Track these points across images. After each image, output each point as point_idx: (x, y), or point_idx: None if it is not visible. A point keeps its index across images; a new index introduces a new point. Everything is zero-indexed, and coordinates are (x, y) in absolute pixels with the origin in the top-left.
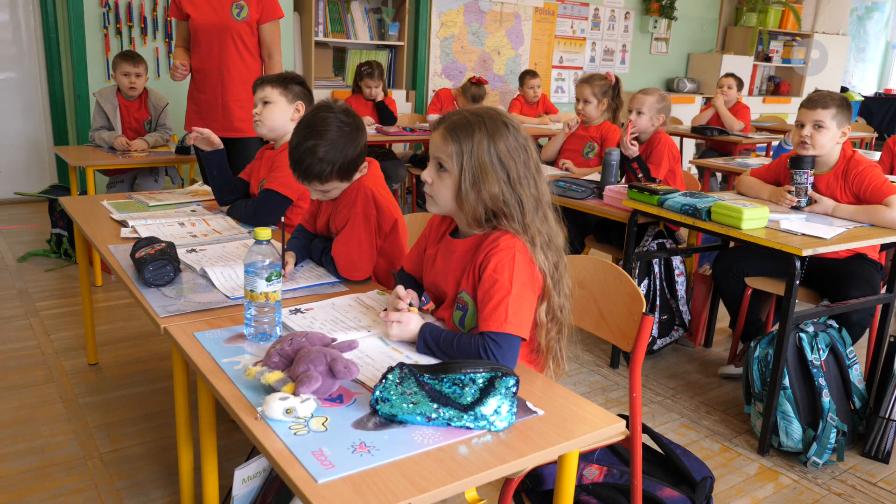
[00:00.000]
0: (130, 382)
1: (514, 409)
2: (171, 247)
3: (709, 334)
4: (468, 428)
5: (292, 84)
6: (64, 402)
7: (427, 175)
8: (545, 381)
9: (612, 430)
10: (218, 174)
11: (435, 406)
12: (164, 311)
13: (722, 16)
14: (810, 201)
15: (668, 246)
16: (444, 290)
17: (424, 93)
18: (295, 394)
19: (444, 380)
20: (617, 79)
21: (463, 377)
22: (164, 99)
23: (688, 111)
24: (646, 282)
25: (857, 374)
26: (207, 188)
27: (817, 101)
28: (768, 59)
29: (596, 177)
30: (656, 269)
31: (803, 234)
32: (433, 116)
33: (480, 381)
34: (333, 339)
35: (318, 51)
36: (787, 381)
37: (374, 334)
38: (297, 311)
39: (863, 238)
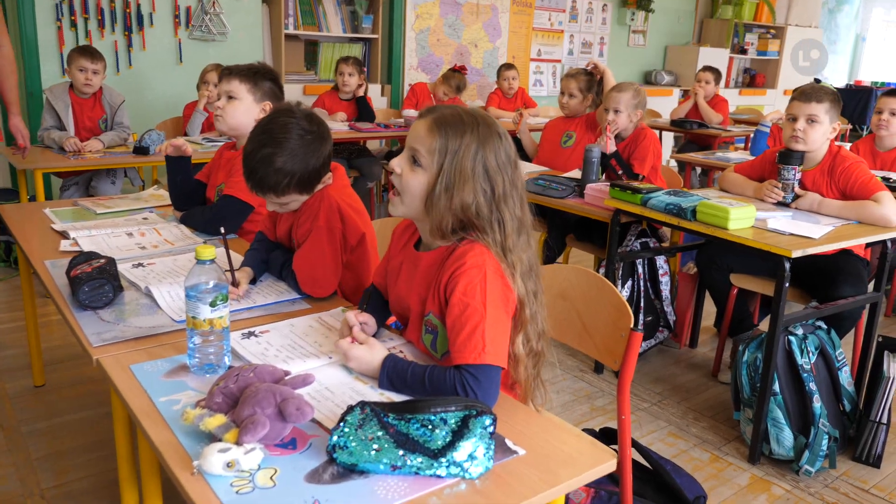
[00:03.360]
0: (80, 406)
1: (492, 452)
2: (110, 263)
3: (694, 334)
4: (439, 477)
5: (263, 80)
6: (4, 430)
7: (397, 164)
8: (526, 413)
9: (602, 470)
10: (182, 180)
11: (401, 453)
12: (98, 339)
13: (698, 8)
14: (795, 197)
15: (651, 245)
16: (408, 307)
17: (400, 87)
18: (238, 443)
19: (412, 421)
20: (602, 73)
21: (433, 417)
22: (121, 96)
23: (666, 104)
24: (629, 283)
25: (846, 377)
26: (163, 192)
27: (811, 94)
28: (744, 51)
29: (577, 174)
30: (640, 269)
31: (791, 234)
32: (409, 112)
33: (453, 421)
34: (286, 373)
35: (289, 44)
36: (776, 387)
37: (336, 361)
38: (250, 334)
39: (851, 236)
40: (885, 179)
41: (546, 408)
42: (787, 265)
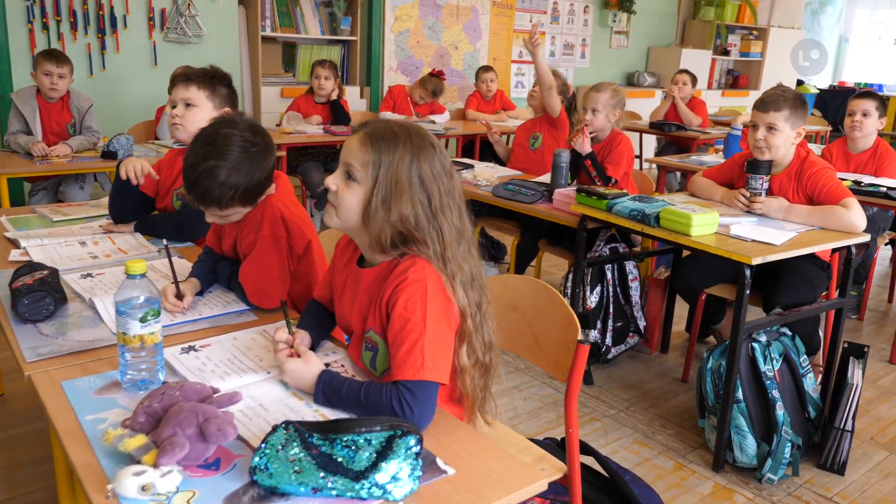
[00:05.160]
0: (38, 416)
1: (418, 472)
2: (53, 275)
3: (665, 339)
4: (361, 499)
5: (220, 86)
6: None
7: (332, 181)
8: (465, 432)
9: (532, 490)
10: (130, 197)
11: (322, 475)
12: (33, 354)
13: (680, 10)
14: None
15: (621, 251)
16: (350, 324)
17: (380, 89)
18: (155, 465)
19: (336, 441)
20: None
21: (357, 438)
22: (89, 100)
23: (648, 105)
24: (598, 288)
25: (811, 383)
26: None
27: (769, 102)
28: (726, 52)
29: (547, 178)
30: (609, 274)
31: (754, 241)
32: (386, 114)
33: (377, 441)
34: (215, 391)
35: (266, 46)
36: (739, 394)
37: (274, 377)
38: (189, 349)
39: (813, 243)
40: (856, 183)
41: (511, 415)
42: (748, 272)
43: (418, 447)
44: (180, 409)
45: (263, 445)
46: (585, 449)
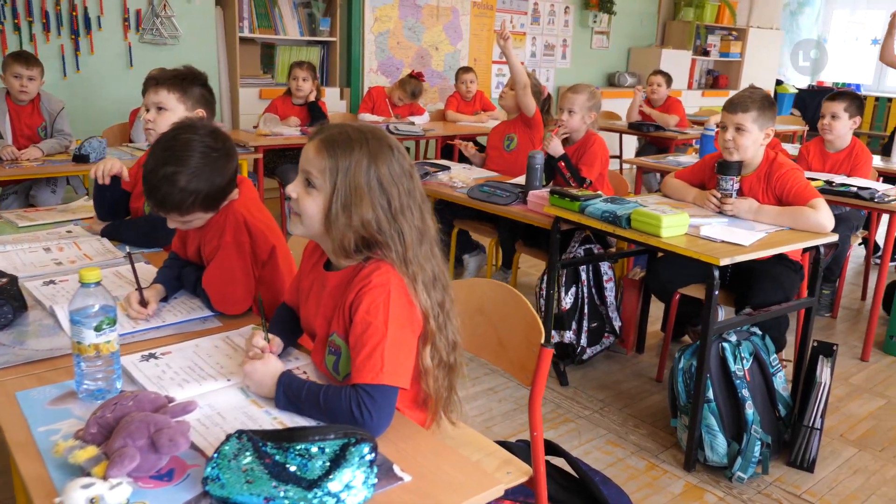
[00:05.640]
0: None
1: (373, 480)
2: (12, 283)
3: (640, 339)
4: None
5: (192, 87)
6: None
7: (292, 189)
8: (424, 438)
9: (487, 496)
10: (111, 196)
11: (274, 484)
12: None
13: (660, 10)
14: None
15: (595, 251)
16: (315, 328)
17: (360, 90)
18: (105, 477)
19: (290, 450)
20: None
21: (310, 446)
22: (60, 102)
23: (629, 105)
24: (573, 289)
25: (781, 382)
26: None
27: (737, 104)
28: (706, 53)
29: (523, 180)
30: (584, 276)
31: (723, 241)
32: (365, 116)
33: (330, 450)
34: (170, 400)
35: (244, 47)
36: (710, 394)
37: (236, 384)
38: (150, 356)
39: (782, 243)
40: (828, 183)
41: (485, 417)
42: (717, 272)
43: (373, 454)
44: (132, 419)
45: (216, 455)
46: (556, 450)
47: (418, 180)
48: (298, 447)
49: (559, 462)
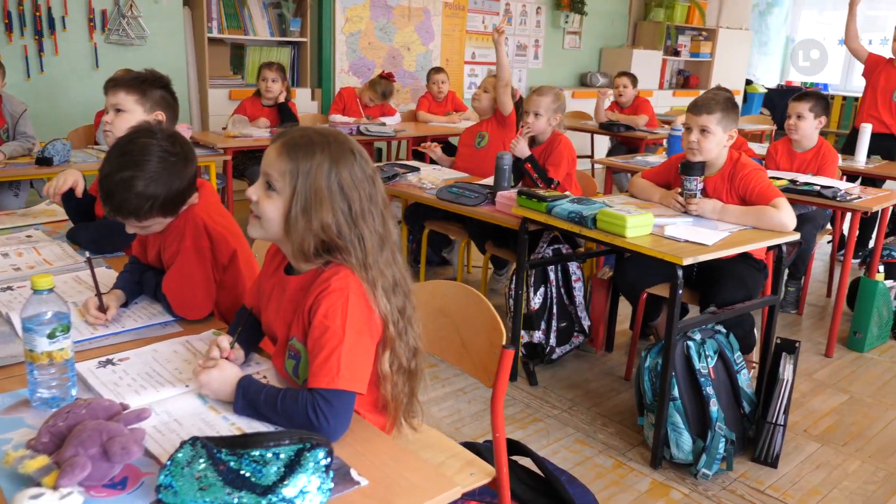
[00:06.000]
0: None
1: (329, 485)
2: None
3: (609, 338)
4: None
5: (152, 89)
6: None
7: (253, 192)
8: (382, 441)
9: (444, 498)
10: (75, 202)
11: (228, 491)
12: None
13: (631, 11)
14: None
15: (564, 251)
16: (275, 332)
17: (331, 91)
18: (56, 487)
19: (245, 456)
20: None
21: (265, 452)
22: (22, 104)
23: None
24: (542, 289)
25: (745, 379)
26: (56, 207)
27: (702, 105)
28: (677, 53)
29: (492, 180)
30: (552, 276)
31: (687, 241)
32: (336, 117)
33: (285, 455)
34: (124, 407)
35: (214, 48)
36: (676, 392)
37: (194, 390)
38: (107, 362)
39: (745, 242)
40: (792, 182)
41: (455, 418)
42: (680, 272)
43: (328, 459)
44: (84, 427)
45: (169, 463)
46: (523, 450)
47: (381, 185)
48: (253, 453)
49: (527, 462)
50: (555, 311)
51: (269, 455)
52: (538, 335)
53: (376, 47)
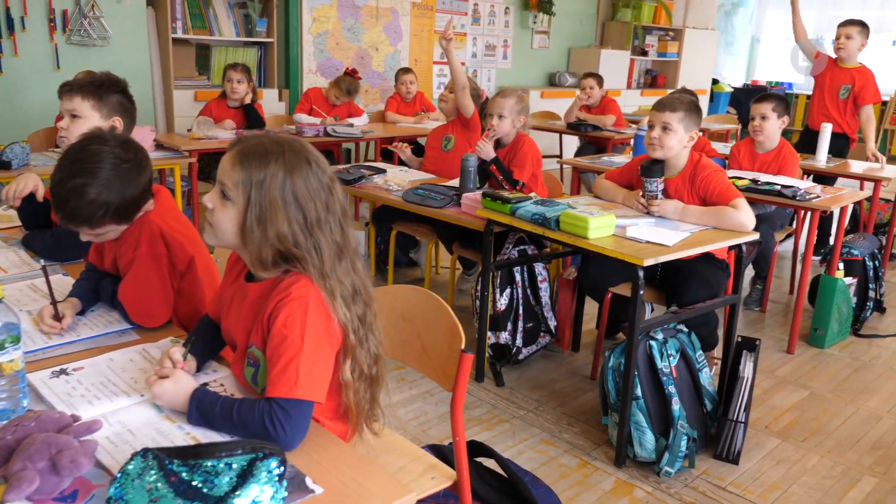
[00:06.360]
0: None
1: (282, 494)
2: None
3: (576, 338)
4: None
5: (109, 94)
6: None
7: (209, 199)
8: (339, 449)
9: None
10: (31, 207)
11: (179, 502)
12: None
13: (599, 11)
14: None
15: (529, 252)
16: (235, 339)
17: (298, 91)
18: (3, 501)
19: (196, 467)
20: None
21: (217, 462)
22: None
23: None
24: (508, 290)
25: (707, 377)
26: (12, 213)
27: (666, 103)
28: (644, 53)
29: (458, 182)
30: (518, 276)
31: (648, 242)
32: (300, 117)
33: (237, 465)
34: (75, 419)
35: (179, 48)
36: (639, 391)
37: (149, 399)
38: (61, 372)
39: (705, 242)
40: (753, 181)
41: (421, 420)
42: (641, 273)
43: (281, 468)
44: (33, 441)
45: (119, 475)
46: (487, 451)
47: (339, 194)
48: (205, 464)
49: (492, 463)
50: (521, 311)
51: (222, 465)
52: (504, 336)
53: (344, 47)
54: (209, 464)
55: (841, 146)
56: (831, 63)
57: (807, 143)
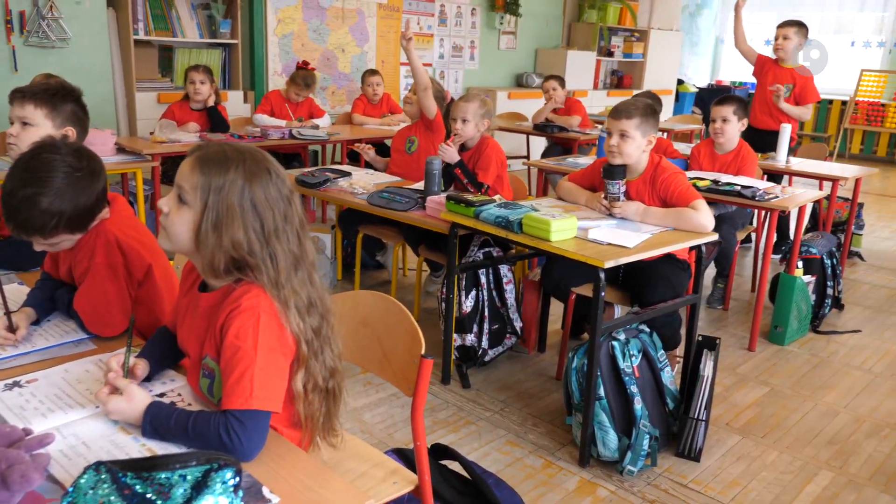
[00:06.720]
0: None
1: None
2: None
3: (542, 338)
4: None
5: (63, 103)
6: None
7: (164, 203)
8: (296, 457)
9: None
10: None
11: None
12: None
13: (565, 12)
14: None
15: (494, 254)
16: (190, 350)
17: (264, 93)
18: None
19: (151, 479)
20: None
21: (172, 474)
22: None
23: (537, 106)
24: (473, 292)
25: (669, 376)
26: None
27: (622, 110)
28: (610, 53)
29: (423, 185)
30: (484, 279)
31: (609, 244)
32: (260, 118)
33: (192, 477)
34: (27, 433)
35: (141, 50)
36: (602, 391)
37: (103, 411)
38: (14, 385)
39: (666, 243)
40: (714, 182)
41: (388, 424)
42: (602, 275)
43: (236, 479)
44: None
45: (71, 489)
46: (451, 454)
47: (298, 206)
48: (159, 476)
49: (457, 466)
50: (487, 313)
51: (176, 477)
52: (470, 338)
53: (310, 49)
54: (163, 476)
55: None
56: (772, 63)
57: (751, 140)
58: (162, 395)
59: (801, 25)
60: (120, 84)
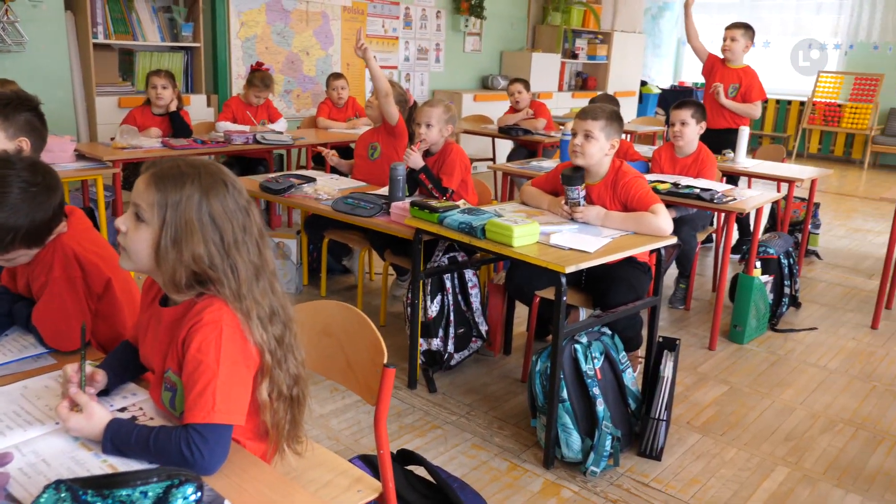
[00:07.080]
0: None
1: None
2: None
3: (507, 341)
4: None
5: (16, 113)
6: None
7: (122, 222)
8: (260, 470)
9: None
10: None
11: None
12: None
13: (530, 15)
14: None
15: (459, 259)
16: (153, 364)
17: (228, 97)
18: None
19: (111, 497)
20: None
21: (132, 491)
22: None
23: (503, 108)
24: (439, 297)
25: (630, 378)
26: None
27: (588, 112)
28: (575, 56)
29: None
30: (449, 283)
31: (570, 249)
32: (223, 124)
33: (153, 493)
34: None
35: (101, 54)
36: (565, 394)
37: (63, 427)
38: None
39: (626, 247)
40: (674, 185)
41: (354, 430)
42: (563, 280)
43: (198, 494)
44: None
45: None
46: (416, 459)
47: (256, 216)
48: (120, 493)
49: (422, 471)
50: (452, 317)
51: (137, 494)
52: (436, 342)
53: (274, 52)
54: (124, 493)
55: (733, 140)
56: (720, 63)
57: (704, 140)
58: (123, 409)
59: (747, 28)
60: (79, 89)
